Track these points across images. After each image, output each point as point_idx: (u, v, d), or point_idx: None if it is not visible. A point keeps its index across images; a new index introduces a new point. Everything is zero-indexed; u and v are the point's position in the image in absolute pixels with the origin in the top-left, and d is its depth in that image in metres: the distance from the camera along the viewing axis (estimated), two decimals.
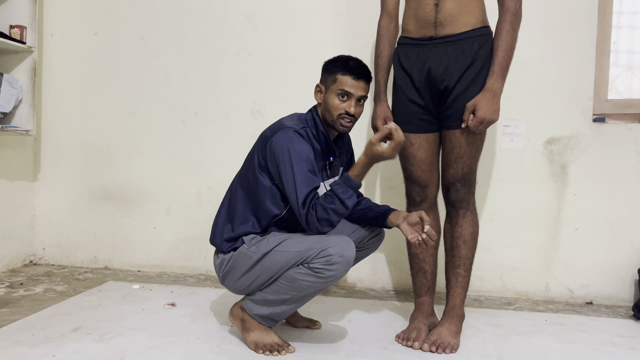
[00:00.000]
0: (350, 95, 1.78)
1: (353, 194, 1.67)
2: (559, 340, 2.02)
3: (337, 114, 1.78)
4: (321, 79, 1.86)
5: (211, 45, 2.84)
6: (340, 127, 1.80)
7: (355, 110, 1.79)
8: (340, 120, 1.79)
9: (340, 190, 1.65)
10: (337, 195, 1.65)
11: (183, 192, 2.90)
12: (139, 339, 1.88)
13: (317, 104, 1.87)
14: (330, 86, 1.80)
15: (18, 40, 2.68)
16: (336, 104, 1.78)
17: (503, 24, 1.84)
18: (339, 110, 1.78)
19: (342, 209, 1.66)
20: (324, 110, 1.82)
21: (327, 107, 1.80)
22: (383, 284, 2.74)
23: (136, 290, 2.51)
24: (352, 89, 1.77)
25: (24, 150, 2.95)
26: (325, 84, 1.82)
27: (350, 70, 1.77)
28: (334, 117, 1.79)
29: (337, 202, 1.65)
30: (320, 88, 1.84)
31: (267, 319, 1.81)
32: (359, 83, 1.78)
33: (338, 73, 1.78)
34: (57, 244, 3.03)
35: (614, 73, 2.56)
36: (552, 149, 2.57)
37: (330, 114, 1.80)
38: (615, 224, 2.54)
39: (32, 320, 2.04)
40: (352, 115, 1.79)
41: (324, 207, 1.65)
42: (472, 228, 1.98)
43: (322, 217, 1.66)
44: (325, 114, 1.82)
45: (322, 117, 1.84)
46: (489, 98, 1.80)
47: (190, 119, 2.87)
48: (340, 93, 1.77)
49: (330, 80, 1.80)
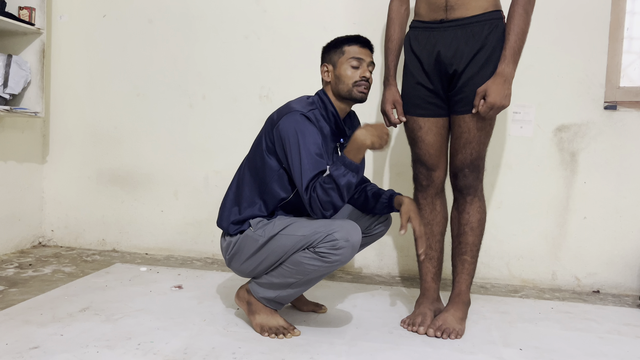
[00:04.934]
0: (361, 60, 1.81)
1: (348, 172, 1.63)
2: (565, 327, 2.02)
3: (353, 81, 1.80)
4: (325, 60, 1.88)
5: (219, 29, 2.82)
6: (358, 94, 1.82)
7: (369, 74, 1.83)
8: (357, 88, 1.81)
9: (335, 170, 1.63)
10: (334, 176, 1.62)
11: (191, 176, 2.90)
12: (145, 320, 1.89)
13: (325, 84, 1.87)
14: (339, 59, 1.83)
15: (27, 22, 2.67)
16: (350, 73, 1.81)
17: (516, 7, 1.81)
18: (354, 79, 1.81)
19: (342, 187, 1.62)
20: (337, 84, 1.83)
21: (340, 79, 1.82)
22: (389, 270, 2.74)
23: (143, 273, 2.53)
24: (362, 55, 1.82)
25: (33, 132, 2.96)
26: (332, 61, 1.85)
27: (355, 40, 1.84)
28: (349, 86, 1.81)
29: (333, 181, 1.62)
30: (327, 67, 1.86)
31: (273, 302, 1.81)
32: (365, 50, 1.84)
33: (344, 45, 1.83)
34: (65, 226, 3.05)
35: (627, 60, 2.52)
36: (562, 137, 2.55)
37: (345, 85, 1.81)
38: (624, 212, 2.52)
39: (41, 300, 2.06)
40: (367, 80, 1.82)
41: (323, 187, 1.63)
42: (479, 215, 1.97)
43: (323, 199, 1.63)
44: (339, 88, 1.82)
45: (335, 93, 1.84)
46: (500, 83, 1.78)
47: (198, 102, 2.87)
48: (352, 61, 1.81)
49: (337, 55, 1.84)
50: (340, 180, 1.61)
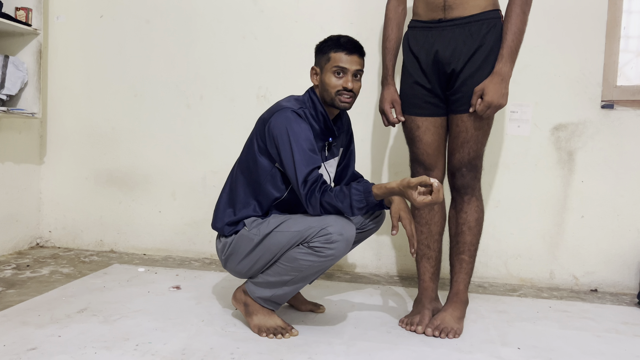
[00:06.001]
0: (345, 70, 1.77)
1: (365, 206, 1.65)
2: (563, 326, 2.02)
3: (335, 91, 1.78)
4: (315, 61, 1.86)
5: (217, 29, 2.82)
6: (340, 103, 1.80)
7: (353, 85, 1.78)
8: (339, 97, 1.79)
9: (356, 197, 1.63)
10: (351, 198, 1.63)
11: (188, 176, 2.90)
12: (143, 321, 1.89)
13: (313, 85, 1.87)
14: (325, 65, 1.80)
15: (24, 23, 2.67)
16: (333, 81, 1.78)
17: (513, 7, 1.82)
18: (336, 88, 1.78)
19: (348, 212, 1.66)
20: (322, 90, 1.82)
21: (324, 86, 1.80)
22: (387, 270, 2.74)
23: (141, 273, 2.53)
24: (346, 64, 1.77)
25: (30, 133, 2.95)
26: (320, 65, 1.83)
27: (342, 46, 1.77)
28: (332, 95, 1.79)
29: (347, 203, 1.64)
30: (315, 70, 1.84)
31: (270, 302, 1.81)
32: (352, 57, 1.77)
33: (330, 51, 1.79)
34: (63, 226, 3.05)
35: (624, 59, 2.53)
36: (559, 136, 2.55)
37: (328, 93, 1.79)
38: (622, 211, 2.52)
39: (39, 302, 2.06)
40: (350, 91, 1.78)
41: (331, 199, 1.64)
42: (477, 214, 1.97)
43: (326, 206, 1.66)
44: (323, 94, 1.82)
45: (320, 97, 1.84)
46: (497, 82, 1.78)
47: (195, 103, 2.87)
48: (336, 70, 1.77)
49: (324, 60, 1.81)
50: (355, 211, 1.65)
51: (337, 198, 1.64)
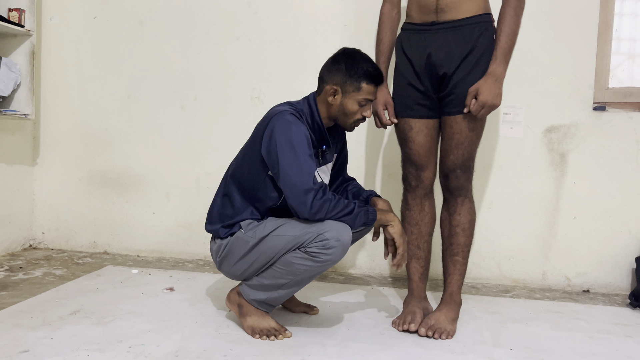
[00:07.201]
0: (370, 101, 1.80)
1: (363, 222, 1.72)
2: (555, 327, 2.03)
3: (355, 119, 1.81)
4: (336, 80, 1.77)
5: (211, 30, 2.82)
6: (351, 128, 1.85)
7: (370, 114, 1.83)
8: (355, 124, 1.83)
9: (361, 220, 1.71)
10: (353, 210, 1.69)
11: (182, 178, 2.89)
12: (137, 323, 1.89)
13: (314, 92, 1.85)
14: (352, 92, 1.77)
15: (16, 24, 2.66)
16: (355, 109, 1.79)
17: (506, 9, 1.83)
18: (357, 117, 1.81)
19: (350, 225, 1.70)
20: (338, 112, 1.80)
21: (343, 110, 1.79)
22: (381, 271, 2.75)
23: (135, 275, 2.52)
24: (372, 96, 1.80)
25: (23, 134, 2.94)
26: (344, 88, 1.77)
27: (373, 80, 1.78)
28: (350, 120, 1.81)
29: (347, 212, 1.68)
30: (335, 90, 1.77)
31: (264, 304, 1.81)
32: (376, 89, 1.82)
33: (363, 82, 1.76)
34: (56, 228, 3.04)
35: (616, 61, 2.55)
36: (551, 137, 2.56)
37: (346, 117, 1.81)
38: (614, 212, 2.54)
39: (31, 304, 2.05)
40: (365, 119, 1.84)
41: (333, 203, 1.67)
42: (470, 216, 1.99)
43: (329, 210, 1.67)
44: (337, 115, 1.81)
45: (327, 113, 1.83)
46: (492, 83, 1.80)
47: (189, 104, 2.86)
48: (364, 101, 1.78)
49: (352, 86, 1.76)
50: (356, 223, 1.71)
51: (340, 205, 1.69)
